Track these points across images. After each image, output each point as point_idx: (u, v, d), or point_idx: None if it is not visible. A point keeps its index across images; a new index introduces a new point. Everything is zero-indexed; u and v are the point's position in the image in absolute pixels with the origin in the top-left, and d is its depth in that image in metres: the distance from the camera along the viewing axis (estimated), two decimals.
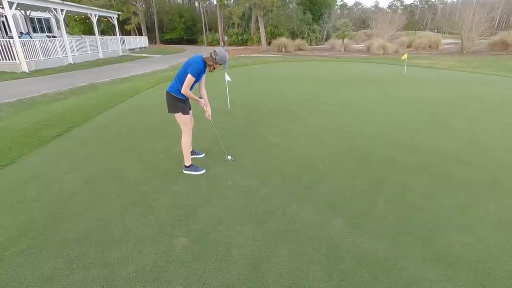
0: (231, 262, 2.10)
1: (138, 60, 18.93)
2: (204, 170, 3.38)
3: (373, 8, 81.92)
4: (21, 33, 16.74)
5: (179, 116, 3.13)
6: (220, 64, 2.99)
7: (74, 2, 22.15)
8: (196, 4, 49.37)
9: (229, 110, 6.11)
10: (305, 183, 3.22)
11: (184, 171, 3.35)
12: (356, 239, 2.34)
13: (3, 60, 12.00)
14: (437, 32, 49.94)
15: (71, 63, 15.20)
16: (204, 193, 3.01)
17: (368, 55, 23.80)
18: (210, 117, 3.37)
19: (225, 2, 30.48)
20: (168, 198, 2.92)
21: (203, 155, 3.80)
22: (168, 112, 3.18)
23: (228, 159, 3.72)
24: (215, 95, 6.66)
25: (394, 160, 3.81)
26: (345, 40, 27.40)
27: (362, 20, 70.47)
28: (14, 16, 15.15)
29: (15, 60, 12.00)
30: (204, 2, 46.96)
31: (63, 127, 5.04)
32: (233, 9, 29.82)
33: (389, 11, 48.08)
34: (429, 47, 28.09)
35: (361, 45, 29.85)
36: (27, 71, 12.03)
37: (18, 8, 15.46)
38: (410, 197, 2.95)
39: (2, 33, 18.14)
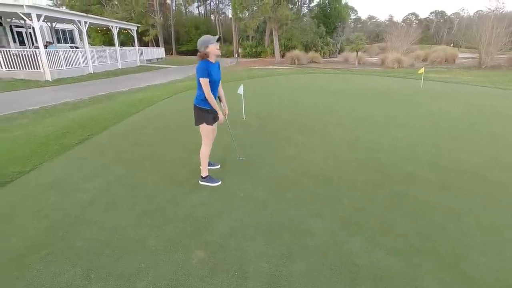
0: (248, 278, 2.05)
1: (155, 71, 19.47)
2: (220, 182, 3.38)
3: (387, 22, 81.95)
4: (49, 42, 17.60)
5: (202, 126, 3.14)
6: (206, 46, 2.84)
7: (96, 15, 23.22)
8: (212, 17, 50.75)
9: (244, 121, 6.14)
10: (321, 197, 3.16)
11: (200, 182, 3.35)
12: (374, 257, 2.26)
13: (28, 69, 12.58)
14: (453, 46, 49.30)
15: (91, 73, 15.77)
16: (220, 205, 2.99)
17: (383, 68, 23.65)
18: (227, 115, 3.39)
19: (240, 15, 31.16)
20: (183, 209, 2.92)
21: (219, 166, 3.81)
22: (195, 125, 3.16)
23: (240, 159, 4.02)
24: (230, 105, 6.71)
25: (413, 175, 3.70)
26: (359, 53, 27.39)
27: (376, 34, 70.47)
28: (40, 28, 15.98)
29: (40, 69, 12.56)
30: (220, 15, 48.22)
31: (83, 135, 5.18)
32: (248, 22, 30.41)
33: (404, 25, 47.97)
34: (445, 61, 27.71)
35: (375, 58, 29.76)
36: (50, 80, 12.55)
37: (45, 20, 16.26)
38: (431, 215, 2.84)
39: (29, 43, 19.12)
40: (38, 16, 12.22)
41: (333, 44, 37.93)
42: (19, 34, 19.13)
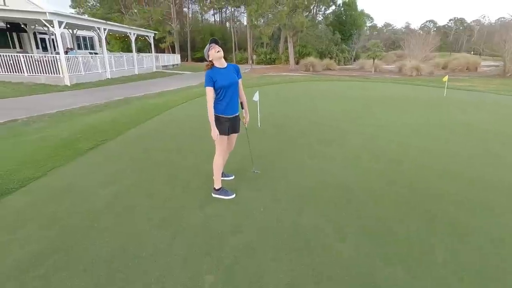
0: None
1: (170, 76, 19.68)
2: (234, 195, 3.17)
3: (404, 29, 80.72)
4: (70, 48, 18.18)
5: None
6: (208, 55, 2.81)
7: (116, 22, 23.86)
8: (227, 24, 51.38)
9: (259, 129, 5.95)
10: (344, 212, 2.90)
11: (213, 195, 3.16)
12: None
13: (49, 73, 12.91)
14: (473, 53, 47.88)
15: (108, 78, 16.06)
16: (235, 218, 2.78)
17: (400, 76, 23.06)
18: (247, 123, 3.25)
19: (256, 22, 31.34)
20: (197, 221, 2.74)
21: (232, 177, 3.61)
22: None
23: (255, 172, 3.75)
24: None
25: (444, 191, 3.38)
26: (376, 61, 26.87)
27: (392, 41, 69.39)
28: (62, 34, 16.47)
29: (59, 74, 12.86)
30: (235, 23, 48.74)
31: (97, 140, 5.12)
32: (263, 29, 30.52)
33: (421, 32, 47.01)
34: (466, 69, 26.78)
35: (392, 66, 29.12)
36: (69, 85, 12.82)
37: (66, 27, 16.77)
38: (471, 239, 2.53)
39: (51, 49, 19.80)
40: (60, 23, 12.57)
41: (349, 51, 37.52)
42: (42, 40, 19.87)
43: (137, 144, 5.07)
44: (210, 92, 2.77)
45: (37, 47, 18.83)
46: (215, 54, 2.78)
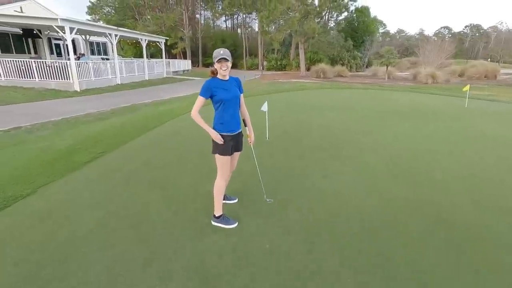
0: None
1: (180, 82, 19.61)
2: (236, 224, 2.79)
3: (417, 36, 79.30)
4: (82, 54, 18.41)
5: (216, 156, 2.64)
6: (219, 62, 2.46)
7: (130, 28, 24.12)
8: (239, 30, 51.58)
9: (268, 142, 5.57)
10: (366, 253, 2.47)
11: (213, 222, 2.79)
12: None
13: (59, 79, 12.93)
14: (490, 61, 46.45)
15: (119, 84, 16.06)
16: (235, 256, 2.40)
17: (415, 83, 22.31)
18: (252, 143, 2.94)
19: (267, 29, 31.17)
20: (190, 257, 2.36)
21: (235, 200, 3.23)
22: (212, 153, 2.69)
23: (268, 201, 3.28)
24: (252, 123, 6.21)
25: (489, 228, 2.85)
26: (389, 68, 26.18)
27: (406, 48, 68.17)
28: (76, 40, 16.62)
29: (69, 79, 12.87)
30: (246, 29, 48.86)
31: (94, 152, 4.84)
32: (274, 35, 30.33)
33: (436, 38, 45.95)
34: (485, 77, 25.75)
35: (407, 73, 28.33)
36: (78, 90, 12.80)
37: (78, 33, 16.95)
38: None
39: (65, 55, 20.08)
40: (71, 29, 12.61)
41: (361, 58, 36.88)
42: (57, 46, 20.18)
43: (136, 157, 4.77)
44: (200, 101, 2.56)
45: (52, 53, 19.11)
46: (220, 70, 2.51)
